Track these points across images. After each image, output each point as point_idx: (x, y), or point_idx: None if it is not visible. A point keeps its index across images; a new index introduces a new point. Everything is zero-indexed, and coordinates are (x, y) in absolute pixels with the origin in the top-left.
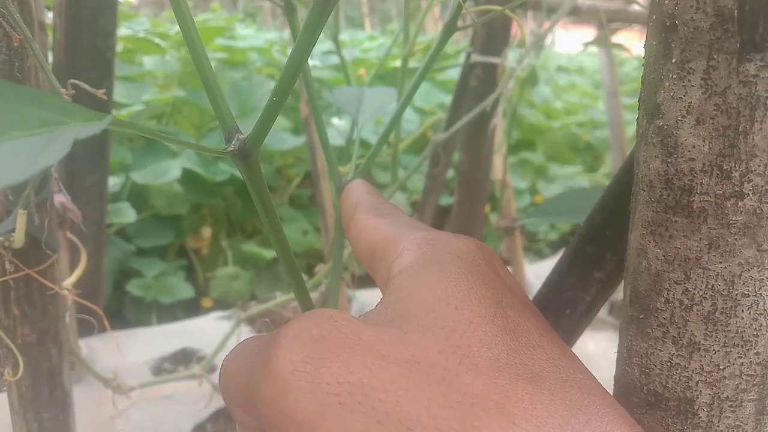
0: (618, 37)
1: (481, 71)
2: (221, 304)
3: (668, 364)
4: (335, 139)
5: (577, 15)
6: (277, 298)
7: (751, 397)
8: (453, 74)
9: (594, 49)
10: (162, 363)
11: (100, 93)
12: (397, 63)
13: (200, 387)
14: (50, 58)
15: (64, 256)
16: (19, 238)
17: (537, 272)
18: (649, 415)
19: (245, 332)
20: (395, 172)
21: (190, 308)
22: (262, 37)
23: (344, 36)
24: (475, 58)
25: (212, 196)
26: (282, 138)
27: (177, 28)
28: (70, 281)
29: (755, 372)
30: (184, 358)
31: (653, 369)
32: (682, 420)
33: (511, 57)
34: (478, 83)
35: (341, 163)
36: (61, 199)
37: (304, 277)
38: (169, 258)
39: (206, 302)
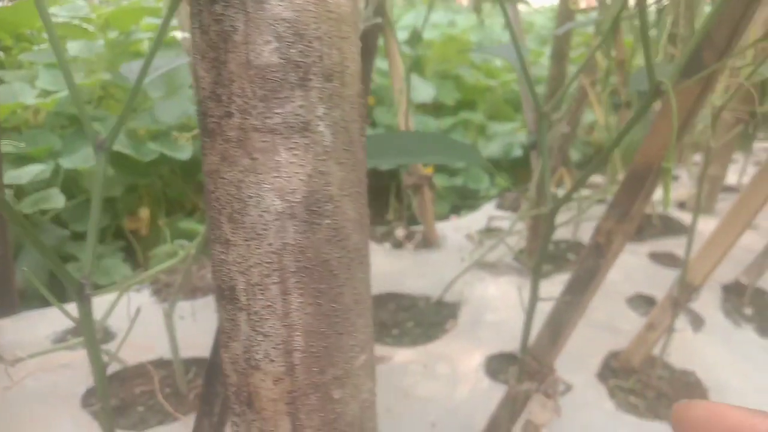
0: None
1: None
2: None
3: (219, 260)
4: None
5: None
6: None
7: (274, 280)
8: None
9: (546, 4)
10: (65, 336)
11: None
12: None
13: None
14: None
15: None
16: None
17: (458, 225)
18: (219, 306)
19: (136, 298)
20: None
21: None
22: None
23: None
24: None
25: (146, 176)
26: None
27: (106, 10)
28: None
29: (272, 260)
30: None
31: (215, 267)
32: (233, 305)
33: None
34: None
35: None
36: None
37: None
38: (106, 240)
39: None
